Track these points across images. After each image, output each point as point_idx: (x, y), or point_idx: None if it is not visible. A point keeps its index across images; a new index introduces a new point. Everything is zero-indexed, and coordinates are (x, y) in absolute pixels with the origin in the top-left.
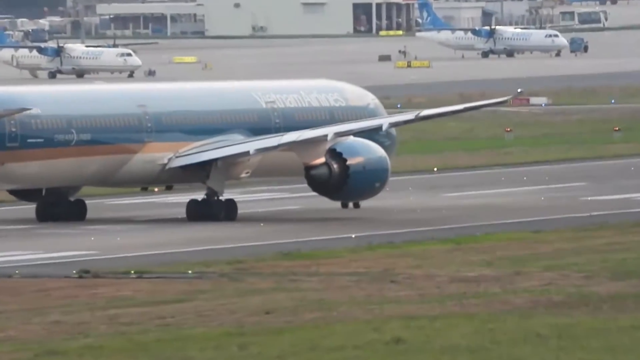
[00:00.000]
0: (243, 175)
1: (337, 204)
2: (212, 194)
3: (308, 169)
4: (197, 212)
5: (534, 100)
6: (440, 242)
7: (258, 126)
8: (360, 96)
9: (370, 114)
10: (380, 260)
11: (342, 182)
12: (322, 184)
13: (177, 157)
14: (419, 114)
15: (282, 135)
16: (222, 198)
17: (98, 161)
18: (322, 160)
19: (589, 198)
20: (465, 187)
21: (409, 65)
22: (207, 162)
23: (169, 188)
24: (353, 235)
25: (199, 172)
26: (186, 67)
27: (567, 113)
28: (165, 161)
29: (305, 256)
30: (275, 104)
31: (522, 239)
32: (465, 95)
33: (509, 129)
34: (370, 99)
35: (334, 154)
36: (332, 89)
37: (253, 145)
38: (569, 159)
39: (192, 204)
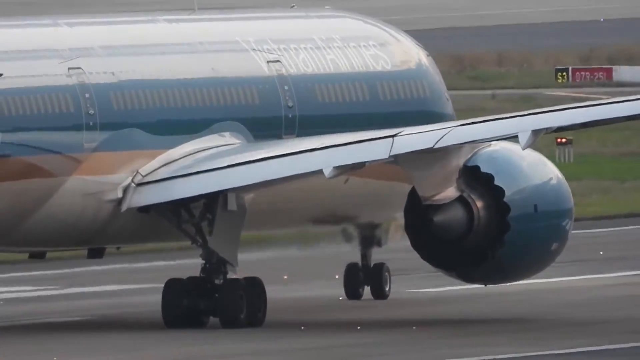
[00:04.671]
0: None
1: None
2: (217, 265)
3: (423, 211)
4: (186, 308)
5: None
6: None
7: (260, 114)
8: (407, 49)
9: (424, 80)
10: None
11: (494, 242)
12: (450, 243)
13: (139, 184)
14: None
15: (391, 136)
16: (236, 275)
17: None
18: (452, 192)
19: None
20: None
21: None
22: (202, 197)
23: (95, 254)
24: None
25: (183, 218)
26: None
27: None
28: (119, 194)
29: None
30: (283, 67)
31: None
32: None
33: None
34: (421, 54)
35: (475, 177)
36: (363, 35)
37: (324, 157)
38: None
39: (174, 290)
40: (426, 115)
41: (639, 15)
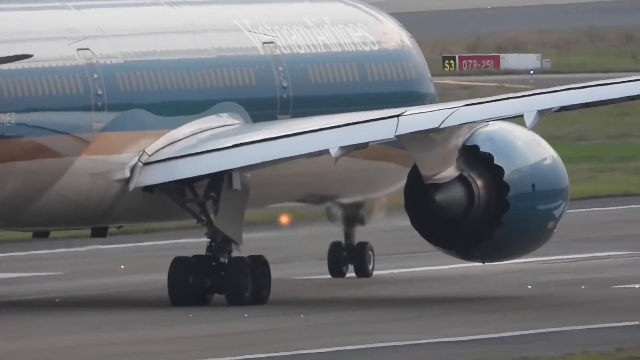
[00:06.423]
0: None
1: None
2: (222, 244)
3: (424, 190)
4: (192, 286)
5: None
6: None
7: (257, 94)
8: (390, 31)
9: (409, 61)
10: None
11: (493, 220)
12: (449, 222)
13: (145, 163)
14: None
15: (396, 116)
16: (240, 253)
17: (13, 173)
18: (452, 171)
19: None
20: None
21: None
22: (208, 176)
23: (99, 233)
24: None
25: (187, 197)
26: None
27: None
28: (127, 173)
29: None
30: (277, 48)
31: None
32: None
33: None
34: (404, 35)
35: (474, 156)
36: (351, 17)
37: (330, 137)
38: None
39: (179, 268)
40: (413, 96)
41: (526, 3)
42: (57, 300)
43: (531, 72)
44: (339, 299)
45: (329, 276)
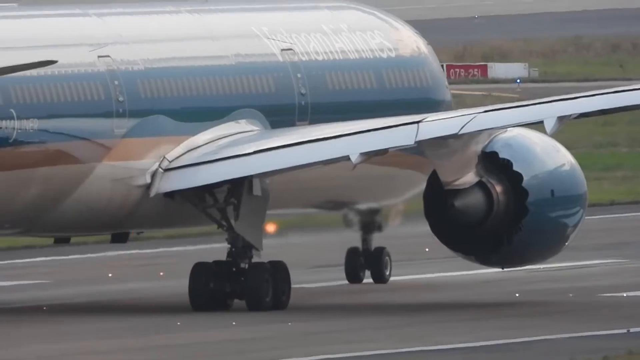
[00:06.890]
0: None
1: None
2: (242, 250)
3: (443, 196)
4: (213, 291)
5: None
6: None
7: (276, 101)
8: (408, 38)
9: (425, 68)
10: None
11: (512, 226)
12: (469, 228)
13: (166, 169)
14: None
15: (416, 122)
16: (260, 258)
17: (35, 179)
18: (471, 177)
19: None
20: None
21: None
22: (229, 182)
23: (119, 239)
24: None
25: (207, 203)
26: None
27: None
28: (148, 179)
29: None
30: (296, 55)
31: None
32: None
33: None
34: (420, 42)
35: (493, 162)
36: (368, 24)
37: (351, 143)
38: None
39: (200, 273)
40: (429, 103)
41: (513, 12)
42: (44, 308)
43: (518, 80)
44: (337, 305)
45: (322, 283)
